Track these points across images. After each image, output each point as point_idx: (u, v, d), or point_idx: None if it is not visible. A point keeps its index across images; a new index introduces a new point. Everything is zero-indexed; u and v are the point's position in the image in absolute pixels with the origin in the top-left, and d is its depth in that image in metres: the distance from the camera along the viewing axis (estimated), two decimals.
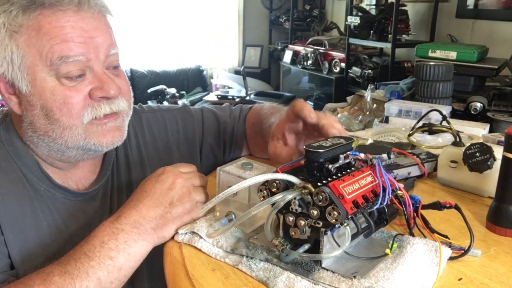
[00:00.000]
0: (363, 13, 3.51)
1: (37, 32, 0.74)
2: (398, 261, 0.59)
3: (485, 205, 0.80)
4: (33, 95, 0.76)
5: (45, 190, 0.83)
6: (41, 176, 0.83)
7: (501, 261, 0.64)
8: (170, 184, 0.73)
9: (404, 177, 0.91)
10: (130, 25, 4.67)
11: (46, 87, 0.75)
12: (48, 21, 0.74)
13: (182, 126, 1.04)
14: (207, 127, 1.07)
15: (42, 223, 0.82)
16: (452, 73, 1.51)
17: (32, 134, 0.80)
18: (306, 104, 0.78)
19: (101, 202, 0.90)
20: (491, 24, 2.90)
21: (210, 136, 1.07)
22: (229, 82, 4.98)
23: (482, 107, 1.49)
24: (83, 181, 0.90)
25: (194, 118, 1.06)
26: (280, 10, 5.45)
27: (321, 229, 0.58)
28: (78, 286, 0.65)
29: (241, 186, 0.62)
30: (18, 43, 0.74)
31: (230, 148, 1.09)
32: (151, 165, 0.97)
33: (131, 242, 0.70)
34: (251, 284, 0.59)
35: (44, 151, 0.82)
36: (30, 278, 0.67)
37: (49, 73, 0.75)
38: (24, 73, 0.75)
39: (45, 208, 0.83)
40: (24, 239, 0.79)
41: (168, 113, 1.05)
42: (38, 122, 0.78)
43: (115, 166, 0.94)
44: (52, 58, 0.74)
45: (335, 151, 0.62)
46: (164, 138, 1.02)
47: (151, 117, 1.02)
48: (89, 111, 0.78)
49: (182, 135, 1.04)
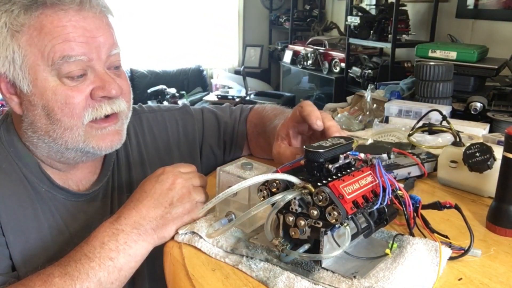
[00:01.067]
0: (363, 13, 3.51)
1: (39, 31, 0.74)
2: (398, 261, 0.59)
3: (485, 205, 0.80)
4: (35, 95, 0.76)
5: (46, 191, 0.83)
6: (42, 177, 0.83)
7: (501, 261, 0.64)
8: (170, 185, 0.73)
9: (404, 177, 0.91)
10: (130, 25, 4.67)
11: (47, 87, 0.75)
12: (50, 20, 0.74)
13: (182, 126, 1.04)
14: (207, 127, 1.07)
15: (43, 224, 0.82)
16: (452, 73, 1.51)
17: (32, 134, 0.80)
18: (315, 109, 0.78)
19: (102, 202, 0.90)
20: (491, 24, 2.90)
21: (210, 137, 1.07)
22: (229, 82, 4.98)
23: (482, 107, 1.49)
24: (83, 182, 0.90)
25: (194, 118, 1.06)
26: (280, 10, 5.45)
27: (321, 229, 0.58)
28: (79, 287, 0.65)
29: (241, 186, 0.62)
30: (20, 42, 0.74)
31: (230, 149, 1.09)
32: (151, 165, 0.97)
33: (131, 243, 0.70)
34: (251, 284, 0.59)
35: (43, 152, 0.82)
36: (30, 280, 0.67)
37: (50, 73, 0.75)
38: (25, 73, 0.75)
39: (46, 209, 0.82)
40: (26, 240, 0.79)
41: (168, 114, 1.05)
42: (39, 122, 0.78)
43: (116, 167, 0.94)
44: (54, 57, 0.74)
45: (335, 151, 0.62)
46: (164, 138, 1.02)
47: (151, 117, 1.02)
48: (89, 111, 0.78)
49: (183, 135, 1.04)
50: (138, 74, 4.75)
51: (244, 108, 1.12)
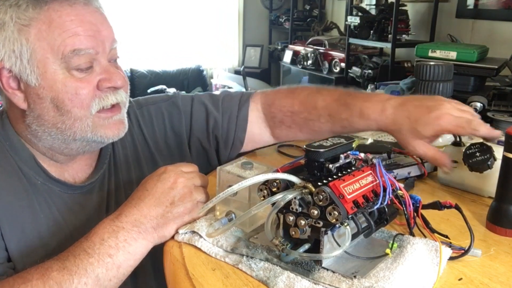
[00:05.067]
0: (363, 13, 3.51)
1: (48, 25, 0.76)
2: (398, 261, 0.59)
3: (485, 205, 0.80)
4: (43, 87, 0.77)
5: (42, 183, 0.84)
6: (37, 169, 0.84)
7: (501, 261, 0.64)
8: (171, 184, 0.73)
9: (404, 177, 0.92)
10: (130, 25, 4.66)
11: (57, 79, 0.77)
12: (59, 14, 0.76)
13: (169, 119, 1.02)
14: (195, 121, 1.02)
15: (39, 216, 0.82)
16: (452, 73, 1.51)
17: (37, 127, 0.81)
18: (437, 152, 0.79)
19: (98, 195, 0.90)
20: (491, 24, 2.89)
21: (198, 131, 1.03)
22: (229, 82, 4.97)
23: (482, 107, 1.49)
24: (79, 175, 0.90)
25: (181, 111, 1.02)
26: (280, 10, 5.44)
27: (322, 228, 0.58)
28: (76, 282, 0.65)
29: (242, 186, 0.62)
30: (28, 36, 0.75)
31: (225, 144, 1.03)
32: (146, 159, 0.98)
33: (131, 241, 0.70)
34: (251, 283, 0.59)
35: (46, 144, 0.83)
36: (28, 273, 0.67)
37: (60, 66, 0.77)
38: (34, 66, 0.76)
39: (42, 201, 0.83)
40: (22, 232, 0.80)
41: (155, 107, 1.03)
42: (48, 114, 0.79)
43: (112, 160, 0.94)
44: (64, 51, 0.76)
45: (336, 151, 0.62)
46: (151, 133, 1.01)
47: (139, 113, 1.01)
48: (96, 101, 0.80)
49: (169, 129, 1.02)
50: (138, 74, 4.75)
51: (245, 97, 1.04)
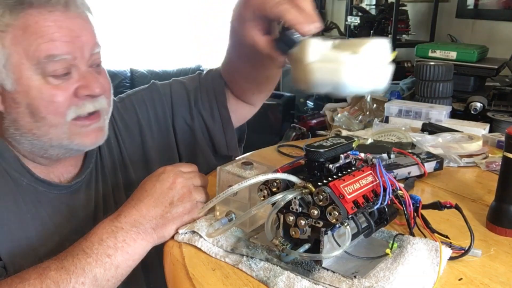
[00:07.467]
0: (363, 13, 3.51)
1: (24, 31, 0.75)
2: (399, 261, 0.59)
3: (485, 205, 0.80)
4: (19, 93, 0.76)
5: (27, 184, 0.83)
6: (22, 170, 0.83)
7: (501, 261, 0.64)
8: (170, 184, 0.73)
9: (404, 176, 0.91)
10: (130, 25, 4.66)
11: (32, 86, 0.76)
12: (35, 20, 0.75)
13: (151, 105, 1.02)
14: (176, 100, 1.03)
15: (25, 216, 0.82)
16: (452, 73, 1.51)
17: (14, 131, 0.80)
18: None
19: (85, 194, 0.90)
20: (491, 24, 2.89)
21: (180, 108, 1.03)
22: None
23: (482, 107, 1.49)
24: (65, 175, 0.90)
25: (162, 94, 1.03)
26: None
27: (322, 228, 0.58)
28: (74, 281, 0.65)
29: (242, 186, 0.62)
30: (4, 42, 0.75)
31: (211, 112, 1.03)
32: (129, 153, 0.97)
33: (130, 241, 0.70)
34: (251, 283, 0.59)
35: (26, 148, 0.83)
36: (26, 272, 0.67)
37: (35, 72, 0.76)
38: (9, 71, 0.76)
39: (28, 201, 0.83)
40: (8, 231, 0.79)
41: (136, 96, 1.03)
42: (23, 120, 0.78)
43: (99, 159, 0.94)
44: (39, 56, 0.75)
45: (336, 151, 0.62)
46: (135, 122, 1.00)
47: (121, 106, 1.01)
48: (73, 109, 0.79)
49: (152, 114, 1.02)
50: (138, 74, 4.74)
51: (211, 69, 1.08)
